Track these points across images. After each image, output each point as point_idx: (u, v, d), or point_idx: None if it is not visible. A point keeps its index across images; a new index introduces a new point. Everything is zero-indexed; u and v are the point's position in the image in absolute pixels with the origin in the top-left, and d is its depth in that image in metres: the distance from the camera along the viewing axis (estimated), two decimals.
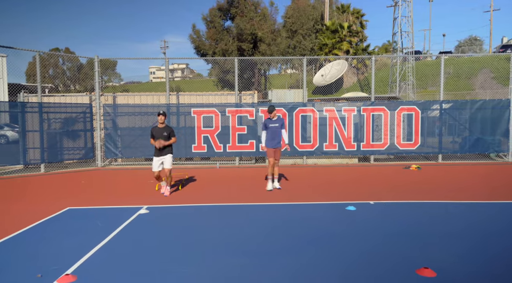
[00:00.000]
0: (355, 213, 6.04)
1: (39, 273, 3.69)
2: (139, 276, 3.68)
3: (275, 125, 8.01)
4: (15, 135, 18.14)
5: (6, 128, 17.68)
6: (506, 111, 12.31)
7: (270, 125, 8.03)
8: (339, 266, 3.87)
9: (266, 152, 8.10)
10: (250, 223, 5.59)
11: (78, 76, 48.90)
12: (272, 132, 8.00)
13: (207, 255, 4.24)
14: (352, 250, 4.35)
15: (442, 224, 5.32)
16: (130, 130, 12.44)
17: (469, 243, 4.50)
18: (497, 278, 3.50)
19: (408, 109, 12.38)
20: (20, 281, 3.57)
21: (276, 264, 3.95)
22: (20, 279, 3.61)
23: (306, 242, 4.64)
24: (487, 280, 3.47)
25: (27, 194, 8.02)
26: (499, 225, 5.24)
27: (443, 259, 4.00)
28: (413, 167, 11.25)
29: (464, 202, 6.70)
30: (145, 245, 4.61)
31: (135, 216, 5.98)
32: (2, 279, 3.63)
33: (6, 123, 17.31)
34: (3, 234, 5.07)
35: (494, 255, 4.09)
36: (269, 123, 8.05)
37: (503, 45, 38.56)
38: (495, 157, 12.95)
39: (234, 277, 3.65)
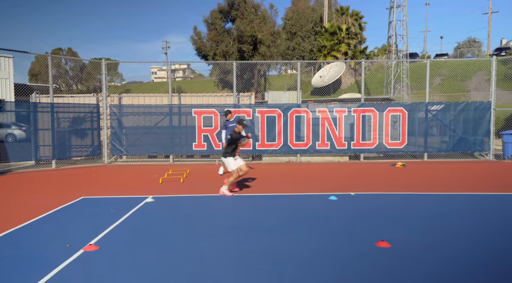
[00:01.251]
0: (336, 202, 6.86)
1: (67, 243, 4.52)
2: (148, 248, 4.50)
3: (232, 125, 9.67)
4: (22, 134, 18.99)
5: (13, 127, 18.51)
6: (487, 112, 13.11)
7: (229, 125, 9.88)
8: (314, 241, 4.68)
9: None
10: (246, 209, 6.41)
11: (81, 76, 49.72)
12: (232, 130, 9.24)
13: (207, 231, 5.05)
14: (327, 229, 5.16)
15: (404, 209, 6.13)
16: (134, 129, 13.27)
17: (420, 223, 5.31)
18: (434, 246, 4.31)
19: (395, 111, 13.20)
20: (53, 249, 4.39)
21: (264, 239, 4.77)
22: (53, 248, 4.43)
23: (290, 224, 5.45)
24: (429, 249, 4.28)
25: (43, 186, 8.86)
26: (452, 210, 6.05)
27: (397, 234, 4.81)
28: (399, 164, 12.07)
29: (433, 194, 7.51)
30: (152, 225, 5.43)
31: (142, 203, 6.81)
32: (40, 249, 4.45)
33: (13, 122, 18.16)
34: (30, 217, 5.89)
35: (438, 231, 4.90)
36: (228, 124, 9.94)
37: (497, 48, 39.31)
38: (478, 156, 13.74)
39: (229, 245, 4.46)
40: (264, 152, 13.26)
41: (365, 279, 3.59)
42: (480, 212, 6.03)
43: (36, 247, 4.52)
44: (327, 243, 4.61)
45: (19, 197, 7.53)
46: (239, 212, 6.28)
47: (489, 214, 5.91)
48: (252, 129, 13.08)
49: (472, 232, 4.99)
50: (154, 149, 13.34)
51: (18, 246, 4.57)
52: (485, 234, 4.89)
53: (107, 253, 4.32)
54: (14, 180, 9.82)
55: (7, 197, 7.55)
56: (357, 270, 3.80)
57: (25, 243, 4.70)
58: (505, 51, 36.16)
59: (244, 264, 3.98)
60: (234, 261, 4.07)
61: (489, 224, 5.39)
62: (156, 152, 13.42)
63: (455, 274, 3.66)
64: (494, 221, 5.52)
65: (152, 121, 13.34)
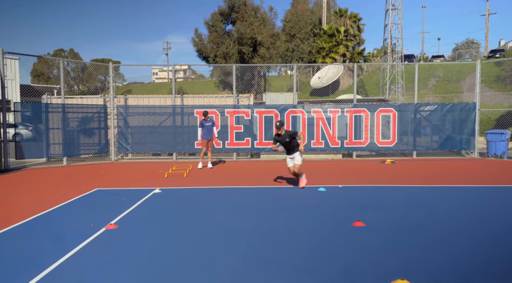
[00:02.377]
0: (324, 192, 7.66)
1: (91, 223, 5.32)
2: (160, 227, 5.30)
3: (208, 124, 11.52)
4: (29, 134, 19.78)
5: (20, 127, 19.30)
6: (473, 113, 13.91)
7: (206, 124, 11.52)
8: (301, 225, 5.48)
9: (202, 142, 11.59)
10: (245, 198, 7.21)
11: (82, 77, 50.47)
12: (207, 129, 11.49)
13: (210, 215, 5.85)
14: (312, 214, 5.95)
15: (383, 199, 6.93)
16: (139, 128, 14.08)
17: (392, 208, 6.10)
18: (401, 225, 5.10)
19: (386, 111, 13.99)
20: (80, 228, 5.19)
21: (259, 220, 5.56)
22: (80, 227, 5.23)
23: (283, 209, 6.25)
24: (396, 227, 5.07)
25: (59, 180, 9.66)
26: (425, 199, 6.85)
27: (370, 213, 5.61)
28: (388, 161, 12.87)
29: (412, 186, 8.31)
30: (161, 210, 6.23)
31: (151, 194, 7.61)
32: (70, 227, 5.26)
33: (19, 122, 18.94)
34: (55, 204, 6.69)
35: (407, 214, 5.70)
36: (205, 123, 11.54)
37: (492, 50, 40.09)
38: (465, 154, 14.53)
39: (228, 225, 5.26)
40: (262, 150, 14.06)
41: (338, 248, 4.38)
42: (449, 201, 6.83)
43: (66, 226, 5.33)
44: (309, 225, 5.40)
45: (40, 189, 8.35)
46: (239, 201, 7.07)
47: (457, 203, 6.71)
48: (251, 128, 13.88)
49: (436, 217, 5.78)
50: (158, 147, 14.15)
51: (50, 226, 5.37)
52: (449, 218, 5.68)
53: (125, 230, 5.12)
54: (31, 175, 10.63)
55: (31, 189, 8.36)
56: (333, 242, 4.60)
57: (56, 223, 5.50)
58: (499, 53, 36.93)
59: (240, 236, 4.78)
60: (231, 235, 4.86)
61: (456, 210, 6.19)
62: (160, 150, 14.22)
63: (410, 240, 4.46)
64: (460, 208, 6.32)
65: (156, 121, 14.15)
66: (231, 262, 4.00)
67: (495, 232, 4.97)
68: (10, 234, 5.02)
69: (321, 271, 3.75)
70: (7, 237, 4.90)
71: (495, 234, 4.88)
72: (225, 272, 3.74)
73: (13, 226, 5.35)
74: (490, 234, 4.87)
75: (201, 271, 3.78)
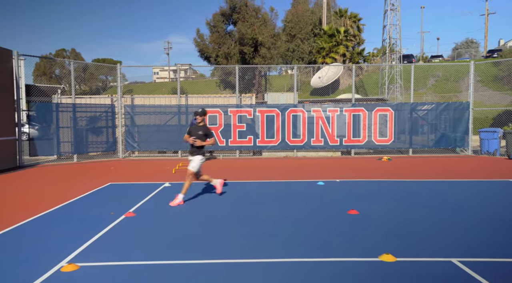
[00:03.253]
0: (323, 186, 8.22)
1: (112, 211, 5.88)
2: (173, 214, 5.86)
3: None
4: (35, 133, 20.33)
5: (26, 126, 19.84)
6: (466, 112, 14.45)
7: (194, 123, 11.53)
8: (302, 213, 6.03)
9: None
10: (249, 190, 7.76)
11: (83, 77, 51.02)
12: None
13: (217, 204, 6.41)
14: (311, 204, 6.51)
15: (378, 191, 7.48)
16: (146, 127, 14.63)
17: (384, 199, 6.66)
18: (390, 213, 5.65)
19: (383, 110, 14.54)
20: (102, 216, 5.75)
21: (265, 210, 6.12)
22: (102, 215, 5.79)
23: (285, 199, 6.80)
24: (386, 215, 5.62)
25: (72, 176, 10.23)
26: (416, 191, 7.40)
27: (364, 204, 6.16)
28: (385, 158, 13.42)
29: (405, 180, 8.85)
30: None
31: (161, 187, 8.17)
32: (92, 216, 5.82)
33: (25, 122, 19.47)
34: (72, 196, 7.25)
35: (397, 205, 6.25)
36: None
37: (490, 50, 40.57)
38: (459, 151, 15.07)
39: (234, 213, 5.81)
40: (264, 147, 14.61)
41: (335, 230, 4.94)
42: (438, 193, 7.39)
43: (89, 214, 5.89)
44: (308, 214, 5.96)
45: (57, 183, 8.91)
46: (244, 193, 7.63)
47: (446, 195, 7.27)
48: (253, 127, 14.44)
49: (425, 206, 6.33)
50: (164, 145, 14.71)
51: (75, 214, 5.93)
52: (437, 207, 6.24)
53: (142, 218, 5.69)
54: (45, 171, 11.19)
55: (48, 183, 8.92)
56: (330, 226, 5.15)
57: (79, 211, 6.07)
58: (497, 53, 37.42)
59: (246, 223, 5.34)
60: (238, 222, 5.42)
61: (444, 201, 6.74)
62: (165, 148, 14.79)
63: (398, 225, 5.01)
64: (448, 199, 6.87)
65: (162, 120, 14.70)
66: (241, 241, 4.55)
67: (476, 217, 5.52)
68: (42, 220, 5.58)
69: (319, 246, 4.30)
70: (40, 223, 5.46)
71: (475, 219, 5.44)
72: (236, 249, 4.29)
73: (42, 214, 5.92)
74: (471, 219, 5.42)
75: (213, 247, 4.33)
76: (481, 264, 3.81)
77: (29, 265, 3.86)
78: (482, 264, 3.81)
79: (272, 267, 3.80)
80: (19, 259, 4.04)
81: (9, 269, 3.78)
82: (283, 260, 3.98)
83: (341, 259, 3.99)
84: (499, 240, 4.57)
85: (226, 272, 3.68)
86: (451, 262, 3.85)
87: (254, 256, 4.09)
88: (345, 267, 3.78)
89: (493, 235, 4.77)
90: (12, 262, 3.95)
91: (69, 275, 3.60)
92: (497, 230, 4.95)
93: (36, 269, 3.73)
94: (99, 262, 3.94)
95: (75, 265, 3.75)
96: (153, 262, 3.94)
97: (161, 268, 3.79)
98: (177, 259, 4.03)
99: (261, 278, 3.54)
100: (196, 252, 4.23)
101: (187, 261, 3.98)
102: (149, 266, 3.85)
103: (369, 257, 4.01)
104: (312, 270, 3.70)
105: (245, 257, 4.07)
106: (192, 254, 4.17)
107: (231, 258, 4.04)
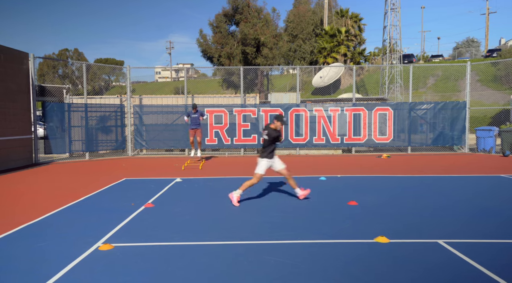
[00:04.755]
0: (324, 181, 8.77)
1: (132, 202, 6.45)
2: (186, 205, 6.41)
3: (195, 116, 12.02)
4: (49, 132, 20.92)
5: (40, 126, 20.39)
6: (463, 111, 14.97)
7: (192, 116, 12.04)
8: (306, 204, 6.59)
9: (190, 132, 12.17)
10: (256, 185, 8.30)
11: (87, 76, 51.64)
12: (193, 119, 12.01)
13: (227, 199, 6.97)
14: (314, 196, 7.06)
15: (376, 185, 8.03)
16: (154, 126, 15.20)
17: (382, 192, 7.20)
18: (387, 204, 6.20)
19: (383, 110, 15.07)
20: (123, 206, 6.31)
21: (270, 202, 6.67)
22: (123, 206, 6.36)
23: (289, 193, 7.36)
24: (382, 206, 6.17)
25: (87, 172, 10.80)
26: (410, 185, 7.95)
27: (363, 196, 6.71)
28: (384, 155, 13.96)
29: (402, 176, 9.40)
30: (185, 194, 7.35)
31: (173, 182, 8.73)
32: (115, 206, 6.39)
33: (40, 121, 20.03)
34: (92, 190, 7.82)
35: (393, 197, 6.79)
36: (191, 114, 12.07)
37: (489, 49, 41.00)
38: (457, 149, 15.60)
39: (245, 205, 6.36)
40: None
41: (335, 218, 5.49)
42: (431, 186, 7.93)
43: (112, 205, 6.46)
44: (313, 204, 6.51)
45: (74, 179, 9.49)
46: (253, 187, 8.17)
47: (439, 188, 7.82)
48: (257, 126, 14.99)
49: (418, 198, 6.88)
50: (171, 143, 15.28)
51: (99, 205, 6.50)
52: (430, 198, 6.79)
53: (161, 208, 6.25)
54: (60, 167, 11.77)
55: (66, 179, 9.50)
56: (332, 214, 5.70)
57: (102, 203, 6.64)
58: (496, 53, 37.87)
59: (257, 212, 5.89)
60: (249, 209, 5.97)
61: (437, 193, 7.29)
62: (173, 146, 15.35)
63: (393, 213, 5.56)
64: (441, 192, 7.42)
65: (169, 119, 15.27)
66: (254, 226, 5.11)
67: (463, 206, 6.08)
68: (72, 210, 6.15)
69: (322, 231, 4.86)
70: (71, 212, 6.03)
71: (462, 208, 5.99)
72: (248, 232, 4.84)
73: (70, 204, 6.49)
74: (459, 208, 5.97)
75: (230, 231, 4.89)
76: (462, 244, 4.36)
77: (72, 245, 4.43)
78: (463, 244, 4.37)
79: (283, 247, 4.36)
80: (62, 240, 4.61)
81: (55, 247, 4.35)
82: (291, 241, 4.54)
83: (341, 241, 4.54)
84: (481, 225, 5.12)
85: (246, 252, 4.24)
86: (437, 243, 4.41)
87: (267, 239, 4.65)
88: (346, 247, 4.34)
89: (476, 221, 5.33)
90: (56, 242, 4.52)
91: (106, 253, 4.16)
92: (481, 217, 5.50)
93: (78, 248, 4.30)
94: (129, 243, 4.51)
95: (110, 245, 4.32)
96: (176, 243, 4.50)
97: (184, 248, 4.35)
98: (197, 241, 4.59)
99: (274, 257, 4.10)
100: (214, 235, 4.79)
101: (207, 242, 4.54)
102: (173, 246, 4.41)
103: (366, 239, 4.57)
104: (316, 250, 4.26)
105: (260, 240, 4.63)
106: (212, 237, 4.73)
107: (249, 240, 4.60)
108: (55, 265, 3.84)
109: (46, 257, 4.10)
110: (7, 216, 5.89)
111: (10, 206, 6.55)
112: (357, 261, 3.92)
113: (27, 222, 5.43)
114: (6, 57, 11.21)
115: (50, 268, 3.76)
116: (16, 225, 5.29)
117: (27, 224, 5.36)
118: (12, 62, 11.48)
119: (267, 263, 3.88)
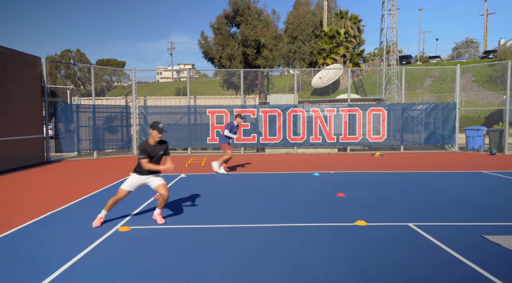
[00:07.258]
0: (318, 176, 9.49)
1: (143, 194, 7.18)
2: (191, 196, 7.14)
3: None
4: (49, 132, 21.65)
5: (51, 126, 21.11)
6: (453, 111, 15.67)
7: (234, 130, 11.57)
8: (297, 195, 7.31)
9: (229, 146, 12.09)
10: (254, 180, 9.03)
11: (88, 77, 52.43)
12: None
13: (228, 190, 7.68)
14: (307, 190, 7.77)
15: (364, 180, 8.74)
16: None
17: (369, 186, 7.91)
18: (372, 196, 6.90)
19: (376, 110, 15.78)
20: (135, 198, 7.04)
21: (271, 193, 7.40)
22: (135, 197, 7.08)
23: (284, 186, 8.08)
24: (367, 197, 6.88)
25: (97, 169, 11.53)
26: (397, 180, 8.66)
27: (351, 189, 7.42)
28: (377, 154, 14.66)
29: (390, 172, 10.11)
30: (190, 187, 8.07)
31: (178, 178, 9.46)
32: (127, 198, 7.09)
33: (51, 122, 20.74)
34: (104, 185, 8.55)
35: (378, 190, 7.50)
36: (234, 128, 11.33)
37: (486, 51, 41.63)
38: (447, 148, 16.30)
39: (244, 197, 7.08)
40: (267, 145, 15.89)
41: (323, 207, 6.20)
42: (418, 181, 8.65)
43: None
44: (305, 196, 7.23)
45: (86, 175, 10.22)
46: (249, 182, 8.90)
47: (424, 183, 8.53)
48: (257, 126, 15.71)
49: (403, 191, 7.59)
50: (174, 143, 15.99)
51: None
52: (414, 192, 7.50)
53: (169, 199, 6.96)
54: (70, 165, 12.51)
55: (78, 175, 10.23)
56: (320, 204, 6.42)
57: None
58: (492, 54, 38.52)
59: (256, 204, 6.62)
60: (250, 201, 6.69)
61: (421, 188, 8.00)
62: (176, 145, 16.07)
63: (374, 203, 6.27)
64: (425, 187, 8.13)
65: (173, 119, 16.00)
66: (252, 215, 5.83)
67: (438, 196, 6.79)
68: (89, 200, 6.88)
69: (311, 216, 5.57)
70: (89, 202, 6.75)
71: (437, 197, 6.70)
72: (248, 219, 5.56)
73: (87, 196, 7.22)
74: (434, 197, 6.68)
75: (237, 217, 5.60)
76: (429, 226, 5.08)
77: (95, 228, 5.16)
78: (429, 226, 5.08)
79: (280, 229, 5.08)
80: (86, 224, 5.33)
81: (81, 229, 5.07)
82: (286, 224, 5.26)
83: (326, 224, 5.26)
84: (450, 211, 5.84)
85: (243, 233, 4.96)
86: (408, 226, 5.13)
87: (267, 222, 5.38)
88: (330, 229, 5.06)
89: (447, 208, 6.04)
90: (81, 225, 5.24)
91: (125, 234, 4.89)
92: (452, 205, 6.21)
93: (101, 230, 5.03)
94: (145, 225, 5.23)
95: (128, 227, 5.05)
96: (186, 226, 5.22)
97: (192, 230, 5.07)
98: (205, 224, 5.31)
99: (274, 236, 4.82)
100: (222, 220, 5.51)
101: (215, 225, 5.26)
102: (183, 228, 5.13)
103: (347, 223, 5.29)
104: (305, 231, 4.98)
105: (258, 223, 5.35)
106: (219, 221, 5.45)
107: (258, 224, 5.33)
108: (85, 242, 4.57)
109: (76, 236, 4.83)
110: (31, 206, 6.62)
111: (32, 198, 7.28)
112: (339, 240, 4.63)
113: (51, 211, 6.16)
114: (21, 62, 11.95)
115: (82, 244, 4.48)
116: (41, 213, 6.02)
117: (51, 211, 6.09)
118: (26, 66, 12.21)
119: (261, 240, 4.61)
